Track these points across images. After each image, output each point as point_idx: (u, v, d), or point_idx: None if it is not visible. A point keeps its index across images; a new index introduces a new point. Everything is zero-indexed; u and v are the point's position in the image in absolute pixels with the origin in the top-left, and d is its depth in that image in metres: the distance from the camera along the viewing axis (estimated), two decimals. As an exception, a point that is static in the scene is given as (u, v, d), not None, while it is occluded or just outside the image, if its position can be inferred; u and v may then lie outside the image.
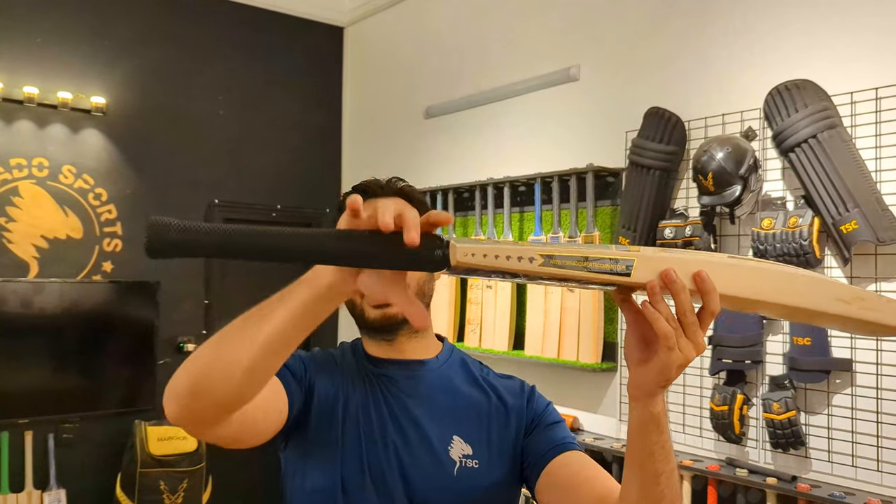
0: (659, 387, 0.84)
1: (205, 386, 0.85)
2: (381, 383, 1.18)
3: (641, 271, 0.79)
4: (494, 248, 0.76)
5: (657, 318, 0.79)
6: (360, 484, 1.11)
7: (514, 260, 0.77)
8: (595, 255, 0.78)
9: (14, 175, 3.77)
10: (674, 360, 0.80)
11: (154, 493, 3.66)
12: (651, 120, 2.88)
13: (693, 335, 0.80)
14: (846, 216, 2.27)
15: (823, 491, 2.29)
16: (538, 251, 0.77)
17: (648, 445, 0.88)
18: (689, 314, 0.79)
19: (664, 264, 0.79)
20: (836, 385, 2.38)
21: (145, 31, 4.19)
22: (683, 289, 0.78)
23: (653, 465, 0.88)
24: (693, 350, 0.81)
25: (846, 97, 2.37)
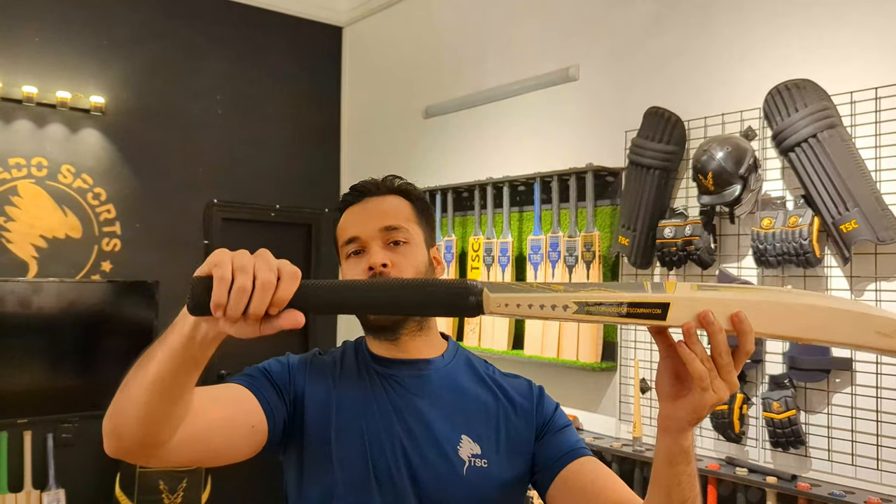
0: (690, 424, 0.84)
1: (120, 426, 0.88)
2: (386, 383, 1.16)
3: (677, 314, 0.79)
4: (528, 297, 0.78)
5: (693, 359, 0.79)
6: (364, 484, 1.09)
7: (547, 308, 0.78)
8: (630, 299, 0.78)
9: (13, 174, 3.77)
10: (708, 400, 0.80)
11: (153, 492, 3.66)
12: (651, 119, 2.88)
13: (727, 375, 0.81)
14: (846, 215, 2.27)
15: (823, 490, 2.30)
16: (572, 299, 0.78)
17: (677, 475, 0.88)
18: (724, 355, 0.79)
19: (701, 306, 0.78)
20: (836, 384, 2.38)
21: (144, 30, 4.18)
22: (720, 330, 0.78)
23: (680, 493, 0.90)
24: (727, 391, 0.81)
25: (846, 97, 2.38)
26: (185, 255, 4.25)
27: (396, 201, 1.19)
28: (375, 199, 1.19)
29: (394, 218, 1.16)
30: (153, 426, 0.88)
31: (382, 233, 1.14)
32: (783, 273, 2.51)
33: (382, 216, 1.15)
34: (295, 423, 1.13)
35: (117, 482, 3.76)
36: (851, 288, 2.36)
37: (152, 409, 0.86)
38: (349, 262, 1.15)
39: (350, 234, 1.15)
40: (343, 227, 1.19)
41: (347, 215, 1.20)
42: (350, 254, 1.15)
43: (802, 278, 2.47)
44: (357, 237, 1.14)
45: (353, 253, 1.15)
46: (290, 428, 1.12)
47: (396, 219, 1.16)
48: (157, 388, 0.84)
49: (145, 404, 0.85)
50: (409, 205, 1.20)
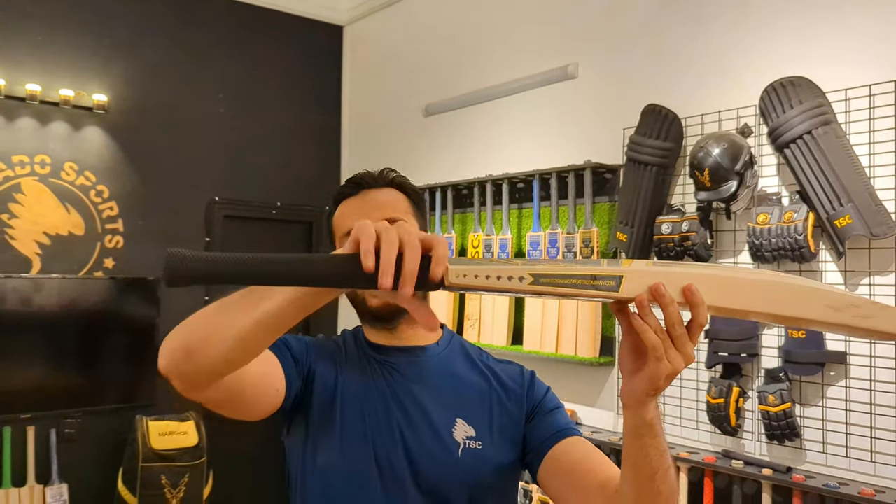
0: (648, 395, 0.86)
1: (198, 346, 0.90)
2: (383, 369, 1.20)
3: (630, 286, 0.80)
4: (486, 268, 0.79)
5: (645, 329, 0.81)
6: (365, 465, 1.13)
7: (504, 280, 0.79)
8: (583, 272, 0.80)
9: (16, 172, 3.80)
10: (662, 370, 0.82)
11: (155, 487, 3.69)
12: (648, 117, 2.91)
13: (682, 347, 0.82)
14: (840, 211, 2.30)
15: (818, 481, 2.32)
16: (528, 270, 0.79)
17: (643, 448, 0.91)
18: (677, 326, 0.81)
19: (653, 278, 0.80)
20: (831, 377, 2.41)
21: (146, 29, 4.21)
22: (672, 302, 0.80)
23: (648, 466, 0.92)
24: (682, 361, 0.83)
25: (840, 94, 2.41)
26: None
27: (393, 194, 1.21)
28: (373, 192, 1.21)
29: (393, 210, 1.18)
30: (241, 354, 0.91)
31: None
32: (779, 268, 2.54)
33: (382, 208, 1.17)
34: (303, 400, 1.17)
35: (120, 477, 3.79)
36: (846, 282, 2.39)
37: (249, 339, 0.89)
38: None
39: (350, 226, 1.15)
40: (341, 219, 1.20)
41: (345, 207, 1.22)
42: None
43: (798, 273, 2.50)
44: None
45: None
46: (299, 402, 1.16)
47: (395, 211, 1.18)
48: (267, 323, 0.87)
49: (244, 332, 0.88)
50: (406, 197, 1.22)
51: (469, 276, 0.79)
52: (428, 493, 1.13)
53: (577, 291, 0.80)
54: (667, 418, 2.86)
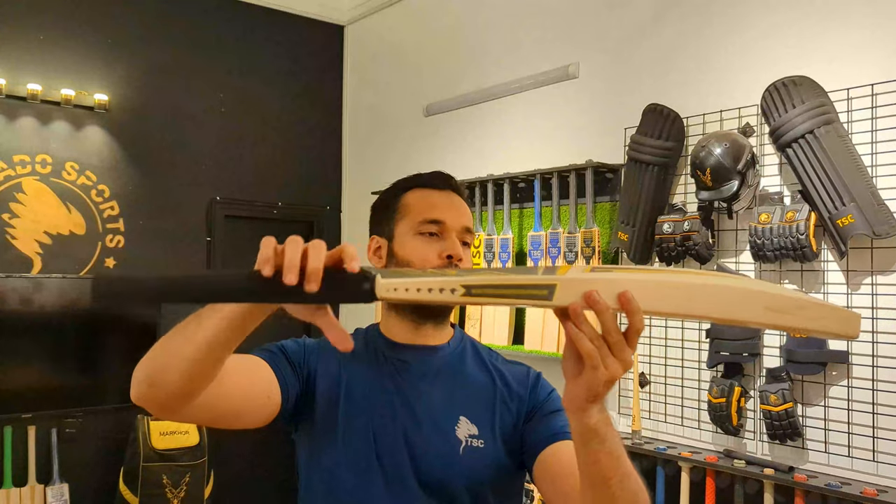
0: (588, 402, 0.85)
1: (157, 374, 0.95)
2: (393, 366, 1.22)
3: (564, 294, 0.80)
4: (416, 281, 0.80)
5: (580, 337, 0.81)
6: (368, 460, 1.14)
7: (435, 292, 0.80)
8: (515, 282, 0.80)
9: (17, 171, 3.80)
10: (599, 377, 0.82)
11: (157, 486, 3.69)
12: (649, 116, 2.91)
13: (619, 353, 0.82)
14: (842, 210, 2.30)
15: (820, 481, 2.32)
16: (459, 282, 0.80)
17: (592, 454, 0.89)
18: (613, 333, 0.81)
19: (587, 286, 0.80)
20: (833, 377, 2.41)
21: (147, 28, 4.21)
22: (606, 309, 0.79)
23: (599, 472, 0.91)
24: (620, 368, 0.82)
25: (842, 93, 2.41)
26: (187, 252, 4.29)
27: (468, 209, 1.26)
28: (458, 199, 1.24)
29: (471, 222, 1.24)
30: (193, 381, 0.95)
31: (462, 231, 1.20)
32: (780, 267, 2.54)
33: (466, 217, 1.23)
34: (306, 401, 1.18)
35: (121, 477, 3.79)
36: (848, 282, 2.39)
37: (197, 366, 0.93)
38: (422, 238, 1.19)
39: (438, 217, 1.19)
40: (427, 205, 1.21)
41: (432, 196, 1.23)
42: (427, 232, 1.19)
43: (800, 272, 2.50)
44: (443, 222, 1.19)
45: (430, 234, 1.19)
46: (301, 404, 1.18)
47: (472, 224, 1.24)
48: (207, 348, 0.91)
49: (193, 361, 0.92)
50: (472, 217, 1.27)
51: (399, 290, 0.80)
52: (430, 490, 1.14)
53: (510, 301, 0.81)
54: (668, 418, 2.86)
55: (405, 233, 1.20)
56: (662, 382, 2.90)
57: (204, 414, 1.03)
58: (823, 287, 2.44)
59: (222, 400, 1.04)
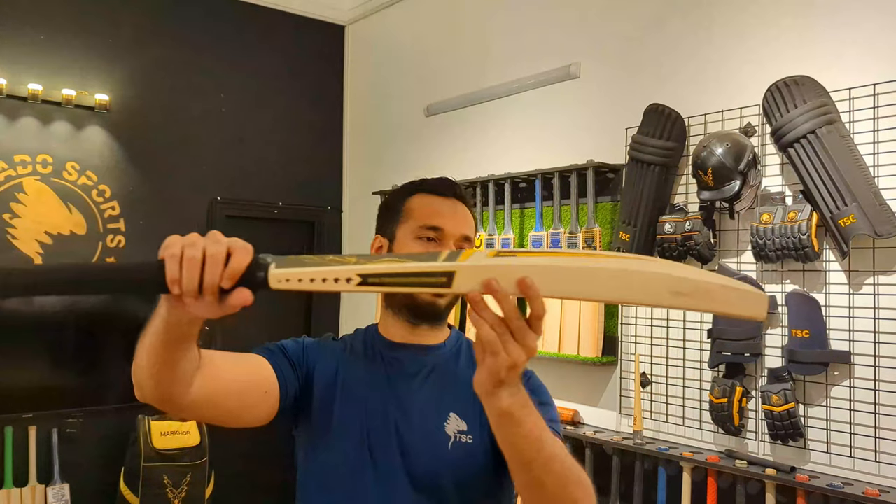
0: (493, 387, 0.85)
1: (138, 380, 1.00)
2: (388, 365, 1.24)
3: (463, 281, 0.80)
4: (311, 271, 0.80)
5: (480, 324, 0.81)
6: (359, 456, 1.17)
7: (330, 282, 0.80)
8: (412, 270, 0.80)
9: (18, 171, 3.80)
10: (500, 363, 0.82)
11: (157, 486, 3.68)
12: (651, 116, 2.91)
13: (522, 339, 0.82)
14: (844, 210, 2.30)
15: (822, 481, 2.32)
16: (356, 271, 0.80)
17: (508, 437, 0.90)
18: (514, 320, 0.81)
19: (486, 273, 0.80)
20: (835, 377, 2.41)
21: (148, 28, 4.21)
22: (506, 297, 0.80)
23: (518, 455, 0.91)
24: (523, 353, 0.83)
25: (844, 93, 2.40)
26: (188, 252, 4.28)
27: (471, 217, 1.27)
28: (462, 207, 1.26)
29: (472, 231, 1.26)
30: (162, 385, 0.98)
31: (461, 239, 1.22)
32: (782, 267, 2.54)
33: (467, 225, 1.25)
34: (305, 398, 1.21)
35: (122, 477, 3.79)
36: (849, 282, 2.39)
37: (156, 373, 0.97)
38: (420, 243, 1.21)
39: (437, 223, 1.21)
40: (430, 211, 1.23)
41: (436, 202, 1.25)
42: (425, 238, 1.21)
43: (801, 273, 2.50)
44: (442, 229, 1.21)
45: (429, 239, 1.21)
46: (300, 402, 1.21)
47: (472, 232, 1.26)
48: (155, 358, 0.95)
49: (149, 367, 0.96)
50: (474, 223, 1.29)
51: (293, 280, 0.80)
52: (420, 485, 1.16)
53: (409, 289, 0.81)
54: (670, 418, 2.86)
55: (405, 236, 1.22)
56: (664, 383, 2.89)
57: (205, 411, 1.05)
58: (825, 287, 2.44)
59: (221, 397, 1.06)
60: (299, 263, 0.81)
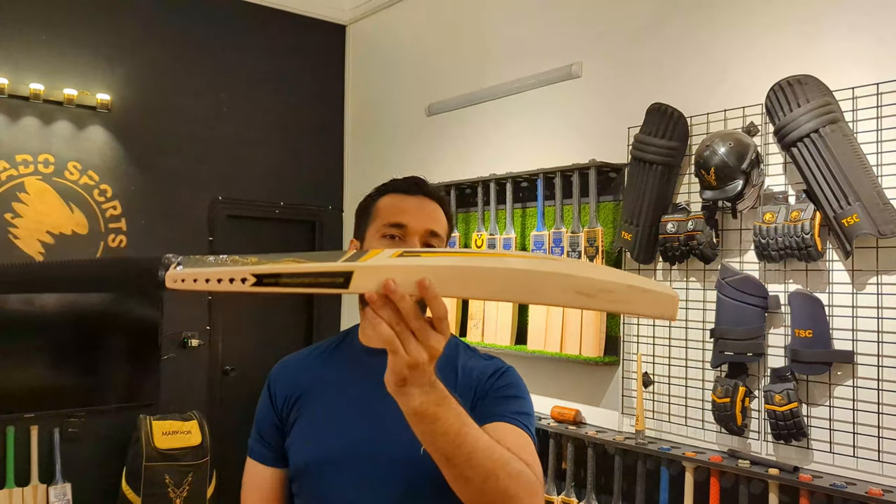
0: (396, 385, 0.85)
1: None
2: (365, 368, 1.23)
3: (361, 282, 0.80)
4: (206, 271, 0.80)
5: (377, 323, 0.81)
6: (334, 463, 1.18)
7: (225, 282, 0.80)
8: (310, 269, 0.80)
9: (20, 171, 3.80)
10: (400, 362, 0.82)
11: (159, 486, 3.68)
12: (653, 115, 2.90)
13: (424, 339, 0.82)
14: (847, 210, 2.29)
15: (825, 481, 2.32)
16: (251, 271, 0.80)
17: (425, 434, 0.90)
18: (413, 320, 0.81)
19: (384, 273, 0.80)
20: (838, 377, 2.40)
21: (150, 28, 4.21)
22: (402, 298, 0.80)
23: (437, 451, 0.91)
24: (424, 352, 0.82)
25: (848, 92, 2.40)
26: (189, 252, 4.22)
27: (440, 213, 1.26)
28: (429, 202, 1.25)
29: (440, 226, 1.24)
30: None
31: (426, 234, 1.21)
32: (785, 267, 2.54)
33: (433, 220, 1.23)
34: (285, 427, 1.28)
35: (123, 476, 3.78)
36: (853, 281, 2.39)
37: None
38: (384, 241, 1.21)
39: (400, 220, 1.21)
40: (394, 209, 1.23)
41: (400, 200, 1.24)
42: (388, 235, 1.21)
43: (804, 272, 2.50)
44: (405, 225, 1.20)
45: (391, 236, 1.21)
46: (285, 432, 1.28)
47: (441, 227, 1.24)
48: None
49: None
50: (446, 220, 1.28)
51: (188, 280, 0.81)
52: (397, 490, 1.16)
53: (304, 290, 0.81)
54: (672, 418, 2.86)
55: (372, 236, 1.23)
56: (666, 382, 2.89)
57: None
58: (828, 287, 2.43)
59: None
60: (200, 264, 0.82)
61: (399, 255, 0.83)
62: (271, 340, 4.55)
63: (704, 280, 2.79)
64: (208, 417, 4.06)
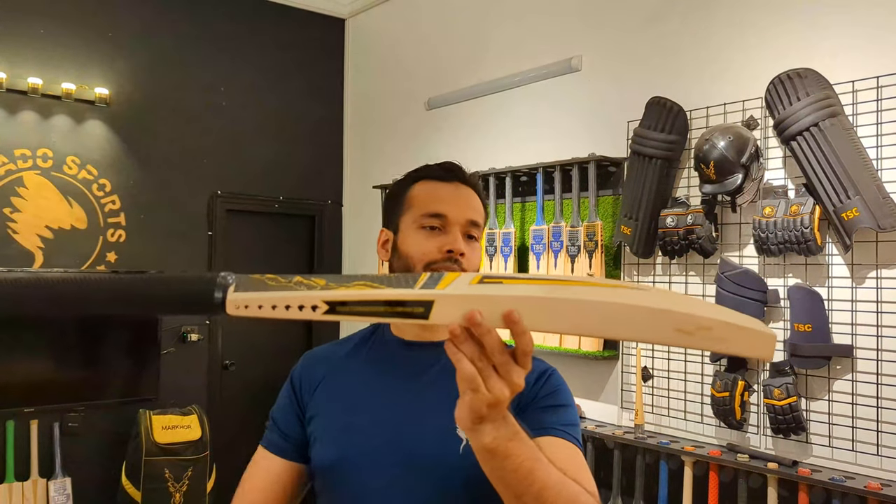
0: (473, 423, 0.80)
1: None
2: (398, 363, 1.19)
3: (442, 311, 0.74)
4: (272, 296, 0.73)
5: (460, 359, 0.75)
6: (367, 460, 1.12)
7: (294, 310, 0.73)
8: (387, 297, 0.73)
9: (19, 165, 3.79)
10: (481, 400, 0.77)
11: (159, 480, 3.69)
12: (653, 109, 2.89)
13: (506, 374, 0.76)
14: (847, 204, 2.29)
15: (824, 475, 2.32)
16: (322, 297, 0.73)
17: (495, 472, 0.86)
18: (497, 354, 0.75)
19: (469, 304, 0.73)
20: (837, 371, 2.40)
21: (148, 22, 4.20)
22: (489, 332, 0.74)
23: (507, 489, 0.87)
24: (506, 389, 0.77)
25: (847, 86, 2.39)
26: (189, 246, 4.28)
27: (476, 200, 1.20)
28: (466, 189, 1.19)
29: (478, 215, 1.18)
30: None
31: (467, 224, 1.15)
32: (784, 261, 2.53)
33: (472, 209, 1.17)
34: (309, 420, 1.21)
35: (123, 471, 3.79)
36: (852, 275, 2.38)
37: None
38: (423, 232, 1.15)
39: (439, 210, 1.15)
40: (430, 198, 1.17)
41: (435, 188, 1.19)
42: (428, 226, 1.15)
43: (804, 266, 2.49)
44: (445, 216, 1.14)
45: (432, 227, 1.15)
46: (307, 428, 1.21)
47: (479, 216, 1.18)
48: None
49: None
50: (483, 208, 1.22)
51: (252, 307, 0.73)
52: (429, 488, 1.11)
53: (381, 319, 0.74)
54: (671, 412, 2.86)
55: (409, 226, 1.17)
56: (665, 377, 2.89)
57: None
58: (828, 281, 2.43)
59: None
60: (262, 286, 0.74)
61: (479, 280, 0.76)
62: (271, 335, 4.55)
63: (704, 274, 2.79)
64: (208, 412, 4.06)
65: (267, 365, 4.30)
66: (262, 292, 0.74)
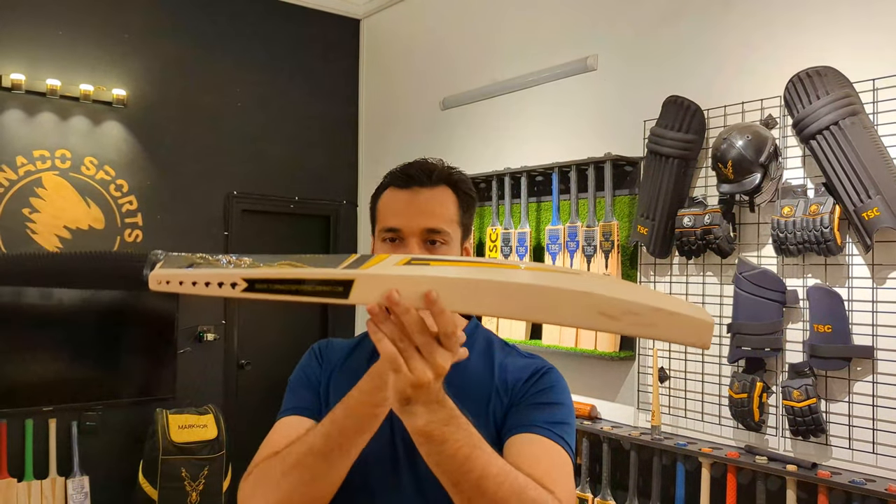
0: (400, 404, 0.79)
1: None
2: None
3: (362, 292, 0.74)
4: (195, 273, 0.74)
5: (380, 339, 0.75)
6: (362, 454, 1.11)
7: (214, 286, 0.74)
8: (307, 276, 0.74)
9: (37, 166, 3.82)
10: (403, 380, 0.76)
11: (176, 479, 3.71)
12: (670, 108, 2.87)
13: (429, 356, 0.75)
14: (868, 203, 2.26)
15: (844, 478, 2.29)
16: (242, 275, 0.74)
17: (431, 457, 0.84)
18: (418, 335, 0.75)
19: (388, 284, 0.73)
20: (857, 372, 2.37)
21: (165, 24, 4.22)
22: (407, 311, 0.73)
23: (444, 474, 0.86)
24: (429, 370, 0.76)
25: (868, 84, 2.36)
26: (205, 247, 4.30)
27: (443, 196, 1.15)
28: (424, 192, 1.14)
29: (438, 219, 1.13)
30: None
31: (423, 233, 1.12)
32: (804, 261, 2.51)
33: (428, 216, 1.12)
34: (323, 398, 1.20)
35: (140, 469, 3.81)
36: (873, 276, 2.35)
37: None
38: (385, 245, 1.14)
39: (392, 224, 1.12)
40: (385, 213, 1.16)
41: (392, 200, 1.16)
42: (387, 239, 1.14)
43: (823, 266, 2.46)
44: (399, 229, 1.12)
45: (390, 240, 1.13)
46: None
47: (440, 221, 1.13)
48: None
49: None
50: (455, 200, 1.16)
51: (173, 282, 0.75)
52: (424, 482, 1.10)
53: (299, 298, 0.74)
54: (688, 413, 2.84)
55: (377, 238, 1.16)
56: (682, 377, 2.87)
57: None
58: (848, 281, 2.40)
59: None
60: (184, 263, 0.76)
61: (407, 262, 0.76)
62: (286, 334, 4.57)
63: (721, 275, 2.77)
64: (224, 411, 4.08)
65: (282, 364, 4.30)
66: (185, 269, 0.75)
